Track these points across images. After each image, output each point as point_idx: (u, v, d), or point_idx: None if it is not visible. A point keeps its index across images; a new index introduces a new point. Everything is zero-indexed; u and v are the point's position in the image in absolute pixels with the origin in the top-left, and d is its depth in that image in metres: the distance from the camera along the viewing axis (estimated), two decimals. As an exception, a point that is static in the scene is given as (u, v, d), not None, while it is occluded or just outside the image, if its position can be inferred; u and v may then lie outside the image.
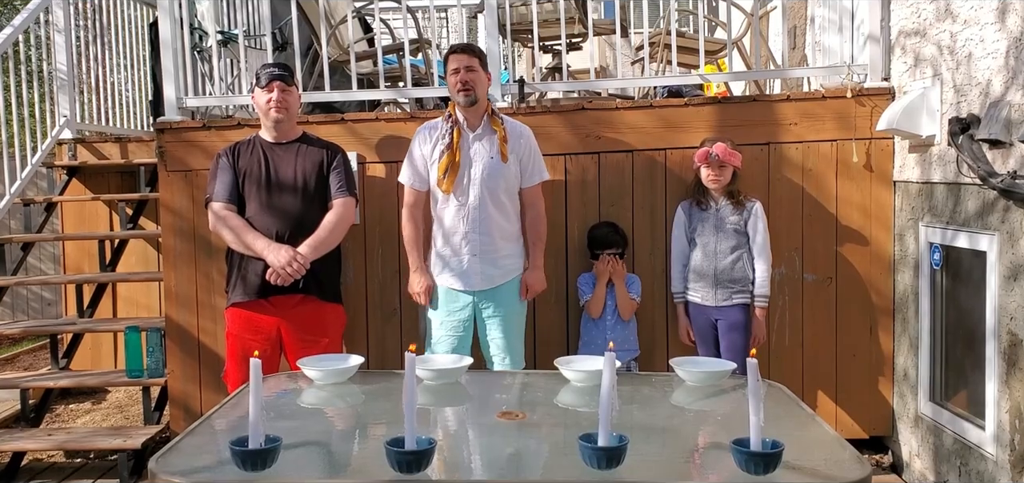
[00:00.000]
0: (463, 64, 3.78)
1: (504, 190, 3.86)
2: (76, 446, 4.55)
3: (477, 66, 3.81)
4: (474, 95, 3.77)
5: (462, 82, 3.77)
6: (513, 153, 3.84)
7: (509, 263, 3.91)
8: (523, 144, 3.89)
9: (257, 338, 3.79)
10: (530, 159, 3.92)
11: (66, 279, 5.49)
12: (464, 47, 3.90)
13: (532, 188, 3.95)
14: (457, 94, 3.79)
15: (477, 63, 3.81)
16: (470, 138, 3.84)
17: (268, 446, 1.94)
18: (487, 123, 3.87)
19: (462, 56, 3.82)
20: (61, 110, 5.94)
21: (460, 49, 3.88)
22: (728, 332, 4.09)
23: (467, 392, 2.73)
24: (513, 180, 3.88)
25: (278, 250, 3.66)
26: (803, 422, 2.41)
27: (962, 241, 3.71)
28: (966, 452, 3.72)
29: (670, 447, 2.22)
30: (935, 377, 4.04)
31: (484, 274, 3.84)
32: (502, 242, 3.87)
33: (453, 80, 3.80)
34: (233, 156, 3.82)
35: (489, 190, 3.81)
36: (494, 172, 3.81)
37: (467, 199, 3.82)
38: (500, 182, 3.83)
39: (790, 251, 4.36)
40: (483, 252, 3.83)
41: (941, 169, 3.82)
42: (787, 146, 4.34)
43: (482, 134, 3.85)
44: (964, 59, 3.61)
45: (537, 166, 3.96)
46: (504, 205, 3.87)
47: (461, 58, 3.81)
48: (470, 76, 3.77)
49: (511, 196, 3.90)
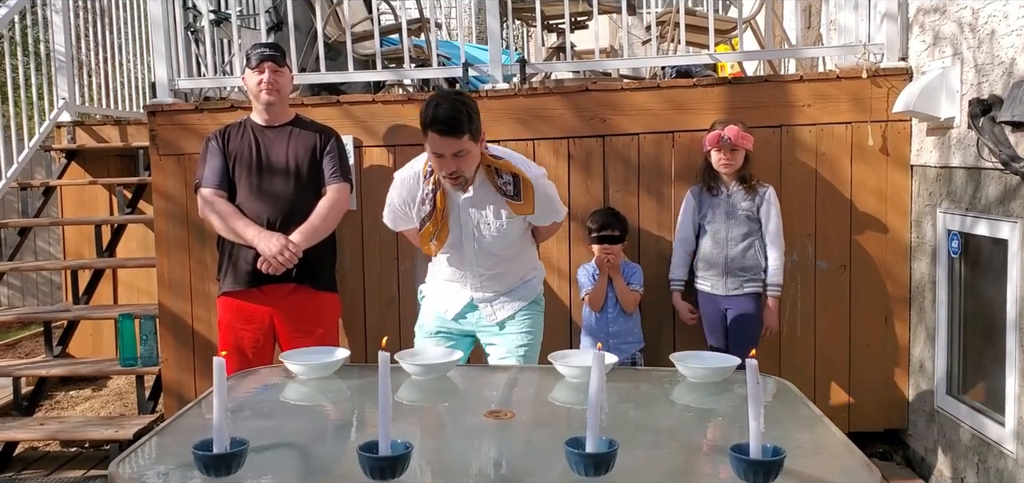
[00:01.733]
0: (449, 150, 2.87)
1: (504, 246, 3.17)
2: (68, 436, 4.46)
3: (466, 144, 2.88)
4: (464, 180, 2.99)
5: (449, 174, 2.94)
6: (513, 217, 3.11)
7: (522, 293, 3.32)
8: (537, 195, 3.09)
9: (249, 328, 3.68)
10: (544, 208, 3.16)
11: (63, 265, 5.41)
12: (447, 124, 2.84)
13: (548, 226, 3.36)
14: (443, 180, 3.02)
15: (466, 140, 2.87)
16: (459, 200, 3.07)
17: (233, 450, 1.82)
18: (482, 182, 3.05)
19: (447, 140, 2.85)
20: (59, 92, 5.85)
21: (443, 127, 2.84)
22: (738, 322, 3.95)
23: (456, 388, 2.60)
24: (515, 234, 3.17)
25: (269, 238, 3.53)
26: (809, 423, 2.27)
27: (982, 228, 3.54)
28: (984, 449, 3.56)
29: (665, 450, 2.08)
30: (952, 370, 3.88)
31: (492, 312, 3.29)
32: (511, 283, 3.29)
33: (435, 162, 2.95)
34: (223, 139, 3.70)
35: (487, 251, 3.16)
36: (493, 234, 3.12)
37: (461, 259, 3.20)
38: (501, 242, 3.15)
39: (802, 238, 4.20)
40: (487, 300, 3.28)
41: (961, 153, 3.65)
42: (800, 129, 4.18)
43: (475, 198, 3.07)
44: (986, 37, 3.43)
45: (551, 211, 3.23)
46: (509, 255, 3.22)
47: (446, 142, 2.86)
48: (458, 163, 2.91)
49: (515, 245, 3.22)
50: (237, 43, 4.64)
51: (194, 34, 5.19)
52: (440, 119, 2.84)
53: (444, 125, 2.84)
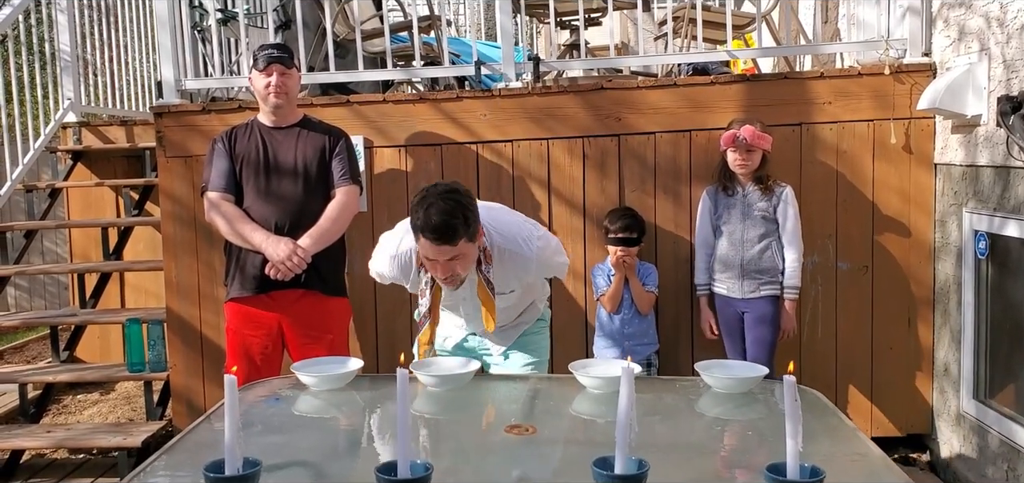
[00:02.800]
0: (443, 256, 2.59)
1: (514, 305, 3.02)
2: (75, 444, 4.39)
3: (462, 248, 2.59)
4: (460, 280, 2.73)
5: (444, 278, 2.70)
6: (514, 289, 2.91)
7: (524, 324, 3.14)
8: (532, 272, 2.90)
9: (258, 334, 3.60)
10: (545, 272, 3.06)
11: (70, 268, 5.34)
12: (441, 232, 2.53)
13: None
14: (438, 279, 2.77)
15: (462, 243, 2.58)
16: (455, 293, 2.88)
17: (245, 472, 1.74)
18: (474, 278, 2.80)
19: (441, 247, 2.56)
20: (65, 92, 5.77)
21: (435, 235, 2.54)
22: (755, 325, 3.85)
23: (474, 400, 2.51)
24: (517, 295, 2.97)
25: (277, 243, 3.45)
26: (843, 437, 2.18)
27: (1011, 229, 3.44)
28: (1014, 455, 3.46)
29: (697, 469, 1.99)
30: (979, 373, 3.78)
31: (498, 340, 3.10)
32: (514, 316, 3.09)
33: (428, 265, 2.69)
34: (230, 142, 3.61)
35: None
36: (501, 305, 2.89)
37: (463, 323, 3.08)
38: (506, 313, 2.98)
39: (823, 238, 4.10)
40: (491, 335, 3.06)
41: (988, 151, 3.55)
42: (820, 126, 4.08)
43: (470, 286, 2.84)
44: (1015, 32, 3.32)
45: (551, 269, 3.06)
46: (509, 309, 3.01)
47: (441, 250, 2.56)
48: (453, 267, 2.64)
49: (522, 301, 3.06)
50: (244, 42, 4.56)
51: (201, 33, 5.11)
52: (433, 226, 2.53)
53: (437, 233, 2.53)
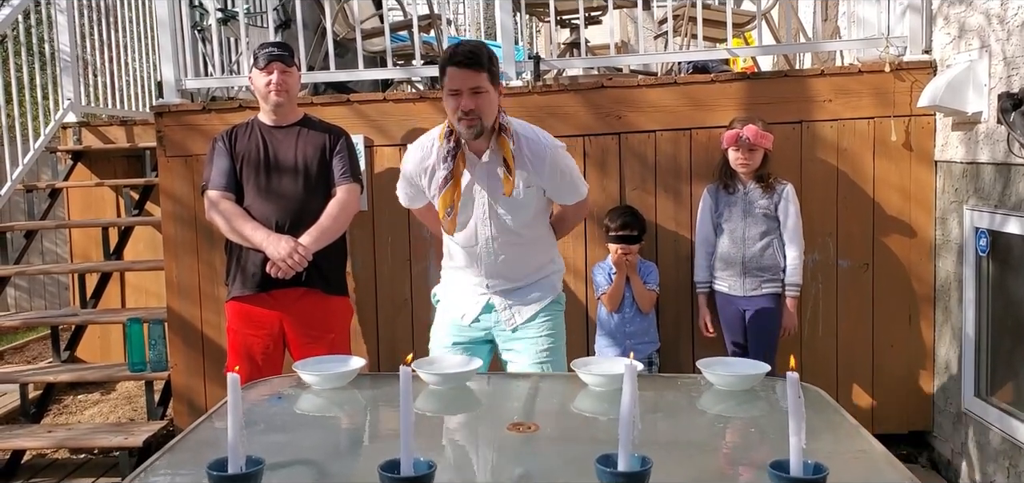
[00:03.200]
0: (467, 84, 2.79)
1: (522, 223, 3.05)
2: (76, 444, 4.40)
3: (485, 84, 2.81)
4: (480, 125, 2.85)
5: (465, 111, 2.81)
6: (530, 186, 2.99)
7: (539, 291, 3.17)
8: (547, 167, 2.99)
9: (259, 334, 3.60)
10: (559, 181, 3.07)
11: (70, 268, 5.33)
12: (468, 58, 2.80)
13: (572, 205, 3.22)
14: (458, 123, 2.87)
15: (485, 79, 2.80)
16: (476, 165, 2.98)
17: (249, 470, 1.74)
18: (496, 144, 2.94)
19: (466, 74, 2.79)
20: (65, 92, 5.77)
21: (463, 61, 2.80)
22: (757, 323, 3.86)
23: (476, 398, 2.51)
24: (532, 208, 3.06)
25: (278, 241, 3.45)
26: (845, 433, 2.19)
27: (1012, 226, 3.44)
28: (1016, 453, 3.46)
29: (699, 466, 1.99)
30: (981, 371, 3.79)
31: (511, 315, 3.14)
32: (528, 273, 3.15)
33: (452, 103, 2.84)
34: (230, 141, 3.61)
35: (503, 228, 3.04)
36: (508, 206, 3.00)
37: (477, 242, 3.07)
38: (513, 217, 3.03)
39: (824, 236, 4.10)
40: (504, 293, 3.13)
41: (989, 148, 3.55)
42: (821, 124, 4.08)
43: (491, 161, 2.96)
44: (1016, 28, 3.32)
45: (569, 185, 3.12)
46: (525, 238, 3.08)
47: (465, 75, 2.78)
48: (476, 102, 2.80)
49: (533, 224, 3.10)
50: (244, 41, 4.56)
51: (201, 33, 5.11)
52: (460, 53, 2.83)
53: (463, 58, 2.81)
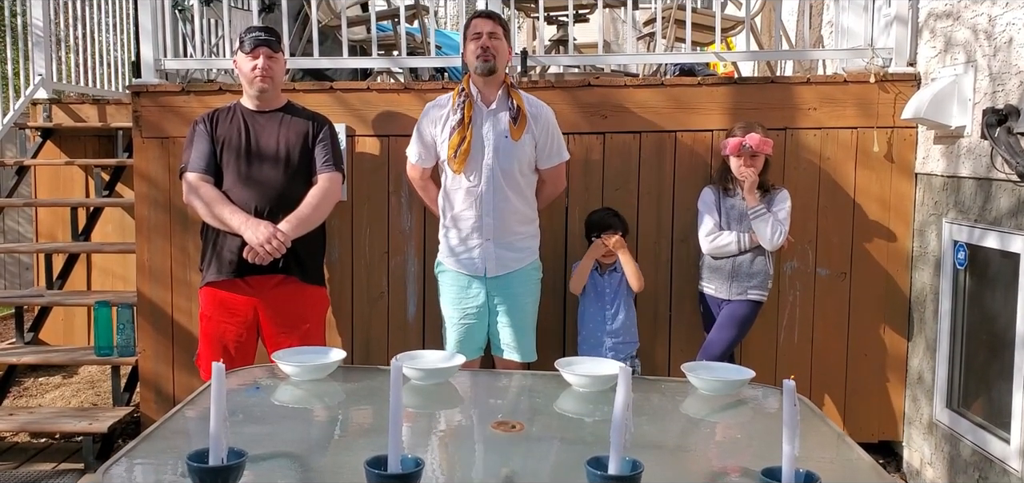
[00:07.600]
0: (487, 29, 3.57)
1: (519, 170, 3.62)
2: (39, 428, 4.28)
3: (501, 35, 3.59)
4: (493, 63, 3.54)
5: (483, 47, 3.54)
6: (528, 133, 3.61)
7: (525, 246, 3.70)
8: (541, 124, 3.65)
9: (232, 321, 3.53)
10: (548, 140, 3.69)
11: (36, 248, 5.21)
12: (489, 13, 3.71)
13: (552, 168, 3.75)
14: (475, 60, 3.55)
15: (501, 32, 3.59)
16: (484, 113, 3.59)
17: (231, 463, 1.69)
18: (503, 97, 3.62)
19: (486, 22, 3.60)
20: (36, 68, 5.63)
21: (485, 14, 3.69)
22: (724, 321, 3.81)
23: (458, 395, 2.48)
24: (530, 159, 3.66)
25: (256, 226, 3.38)
26: (829, 442, 2.17)
27: (991, 241, 3.46)
28: (986, 465, 3.49)
29: (688, 471, 1.97)
30: (953, 383, 3.82)
31: (498, 259, 3.63)
32: (517, 225, 3.66)
33: (473, 46, 3.57)
34: (211, 124, 3.53)
35: (503, 170, 3.58)
36: (508, 151, 3.57)
37: (479, 181, 3.58)
38: (515, 162, 3.60)
39: (803, 244, 4.11)
40: (497, 237, 3.62)
41: (971, 162, 3.57)
42: (804, 132, 4.09)
43: (497, 110, 3.60)
44: (1003, 44, 3.35)
45: (555, 147, 3.73)
46: (519, 186, 3.64)
47: (485, 23, 3.58)
48: (492, 43, 3.55)
49: (528, 176, 3.68)
50: (227, 23, 4.47)
51: (181, 12, 5.01)
52: (484, 11, 3.79)
53: (487, 14, 3.70)
